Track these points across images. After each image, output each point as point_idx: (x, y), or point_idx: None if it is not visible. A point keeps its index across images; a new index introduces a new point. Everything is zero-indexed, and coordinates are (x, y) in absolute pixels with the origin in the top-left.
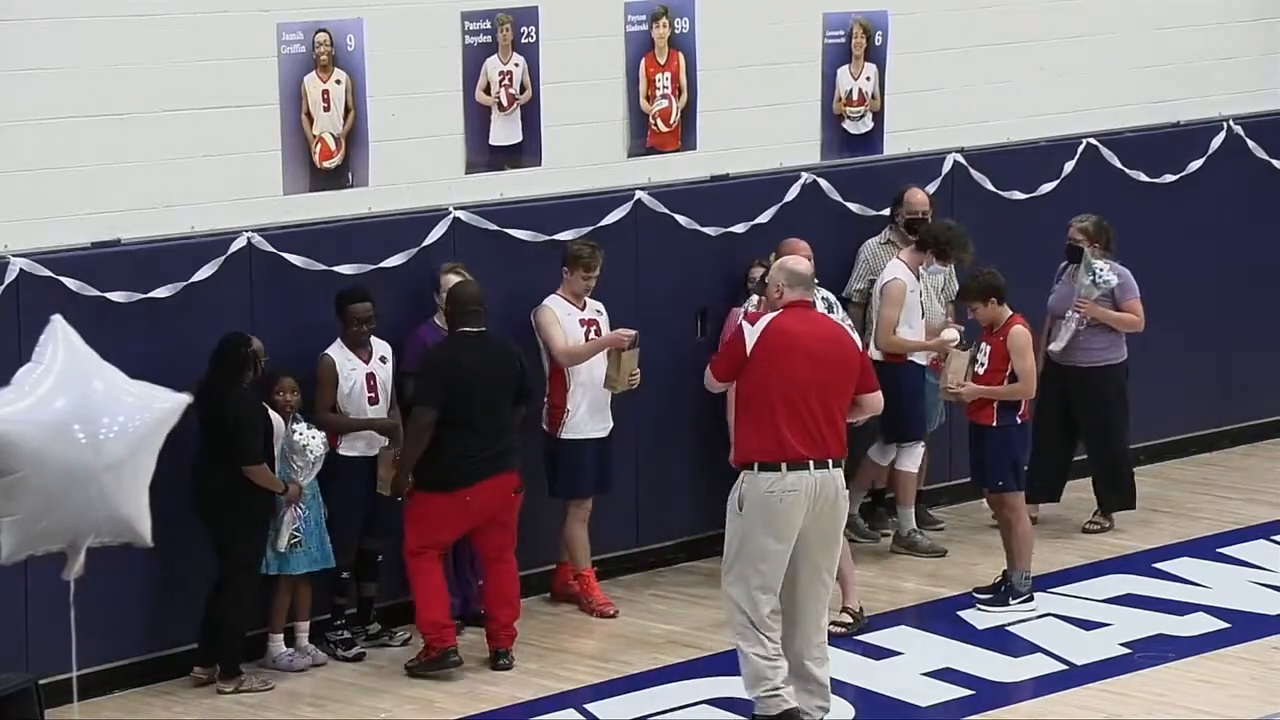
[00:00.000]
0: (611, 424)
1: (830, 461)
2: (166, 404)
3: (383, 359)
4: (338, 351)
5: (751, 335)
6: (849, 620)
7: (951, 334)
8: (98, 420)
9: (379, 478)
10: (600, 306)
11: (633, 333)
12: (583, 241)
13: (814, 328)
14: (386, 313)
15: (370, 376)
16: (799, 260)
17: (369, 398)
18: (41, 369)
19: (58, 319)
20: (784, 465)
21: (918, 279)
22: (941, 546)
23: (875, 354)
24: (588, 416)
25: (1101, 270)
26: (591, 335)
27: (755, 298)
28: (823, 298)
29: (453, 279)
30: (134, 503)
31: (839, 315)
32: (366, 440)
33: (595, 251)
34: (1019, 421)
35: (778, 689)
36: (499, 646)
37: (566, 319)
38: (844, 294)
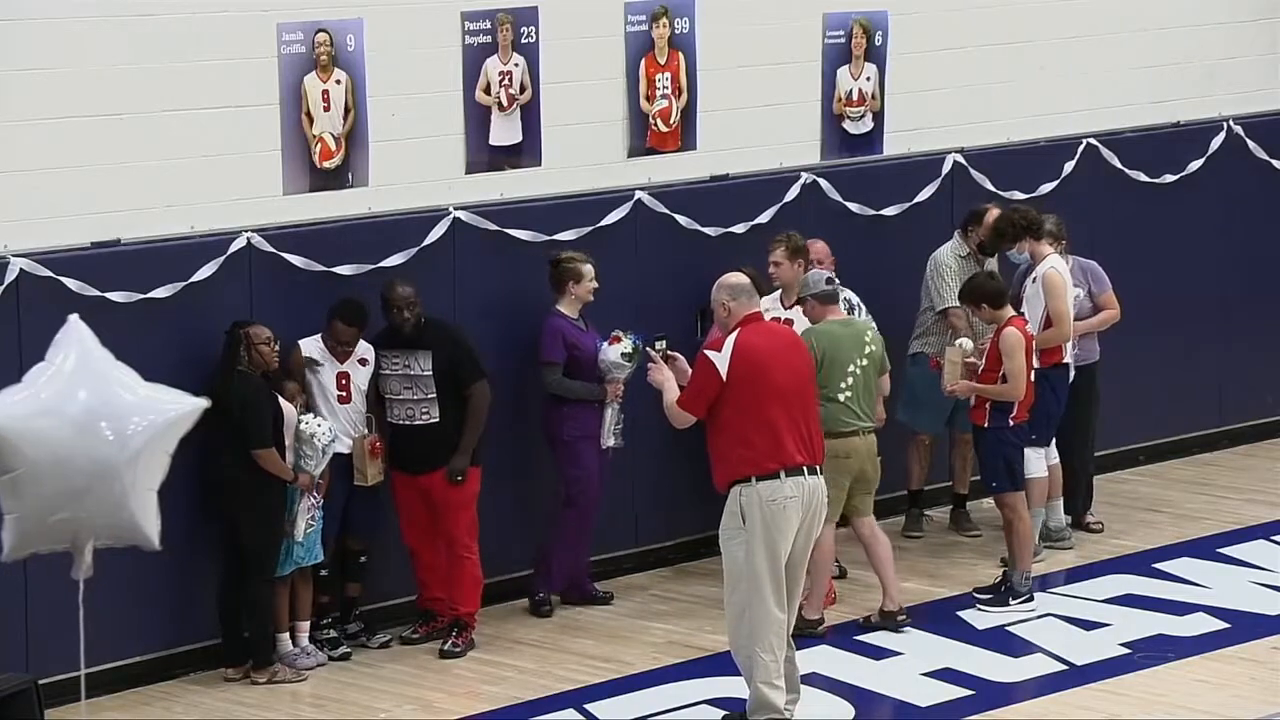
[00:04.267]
0: None
1: (818, 468)
2: (184, 406)
3: (362, 361)
4: (312, 345)
5: (722, 360)
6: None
7: (965, 344)
8: (114, 418)
9: (356, 470)
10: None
11: None
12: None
13: (776, 339)
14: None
15: (343, 375)
16: (735, 275)
17: (338, 395)
18: (53, 369)
19: (74, 319)
20: (782, 473)
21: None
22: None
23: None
24: None
25: None
26: None
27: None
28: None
29: (590, 268)
30: (143, 505)
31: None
32: (347, 441)
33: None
34: (1011, 424)
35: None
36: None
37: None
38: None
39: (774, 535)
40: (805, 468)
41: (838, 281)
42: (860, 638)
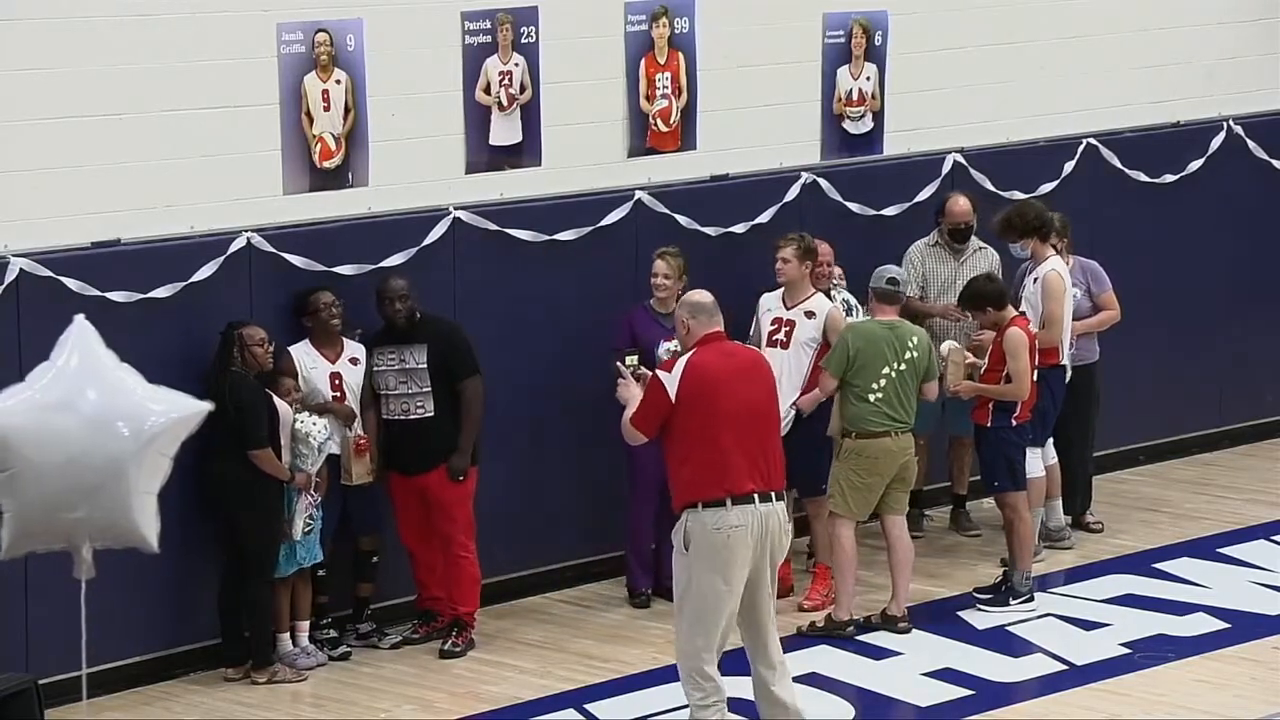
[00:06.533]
0: None
1: (774, 495)
2: (187, 410)
3: (353, 360)
4: (300, 349)
5: (672, 382)
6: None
7: (950, 345)
8: (129, 417)
9: (343, 468)
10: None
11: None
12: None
13: (733, 360)
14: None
15: (335, 376)
16: (700, 293)
17: (333, 397)
18: (55, 369)
19: (80, 319)
20: (729, 501)
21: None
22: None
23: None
24: None
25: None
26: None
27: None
28: (844, 299)
29: (658, 264)
30: (143, 507)
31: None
32: (339, 439)
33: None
34: (1014, 423)
35: None
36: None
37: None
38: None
39: (719, 564)
40: (757, 495)
41: (900, 284)
42: (860, 638)
